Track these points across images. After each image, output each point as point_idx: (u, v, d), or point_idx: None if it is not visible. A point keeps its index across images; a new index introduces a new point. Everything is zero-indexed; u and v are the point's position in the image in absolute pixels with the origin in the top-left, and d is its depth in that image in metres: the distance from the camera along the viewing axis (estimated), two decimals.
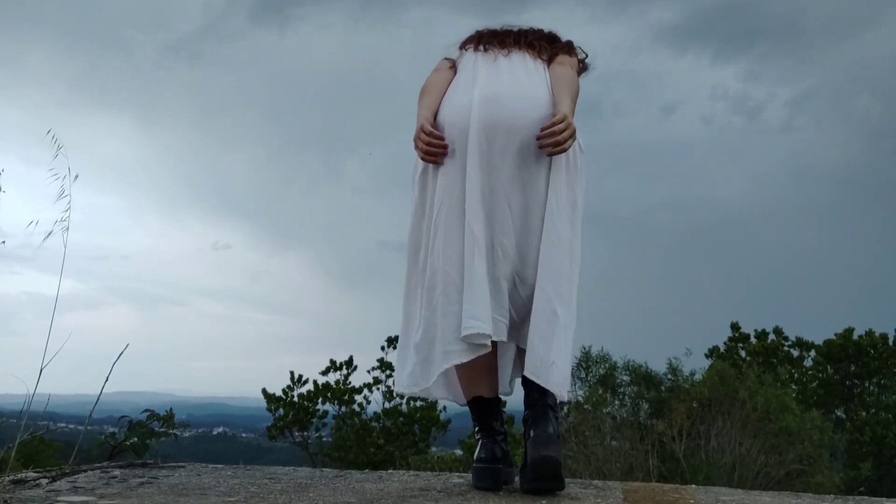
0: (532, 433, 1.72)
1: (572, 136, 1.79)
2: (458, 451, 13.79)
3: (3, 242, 1.84)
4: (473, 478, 1.88)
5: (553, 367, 1.73)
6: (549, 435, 1.70)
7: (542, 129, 1.78)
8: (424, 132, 1.85)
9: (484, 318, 1.75)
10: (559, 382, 1.73)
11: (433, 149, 1.85)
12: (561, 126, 1.77)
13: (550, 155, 1.80)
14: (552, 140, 1.77)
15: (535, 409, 1.75)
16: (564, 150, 1.79)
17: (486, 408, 1.92)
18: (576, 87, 1.93)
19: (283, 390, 16.04)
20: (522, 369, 1.79)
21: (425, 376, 1.82)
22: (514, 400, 1.98)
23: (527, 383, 1.79)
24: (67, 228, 1.82)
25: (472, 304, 1.75)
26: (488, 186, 1.80)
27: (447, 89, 1.97)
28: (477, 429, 1.94)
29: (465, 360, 1.77)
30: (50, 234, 1.80)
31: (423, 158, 1.88)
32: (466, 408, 1.98)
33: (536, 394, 1.76)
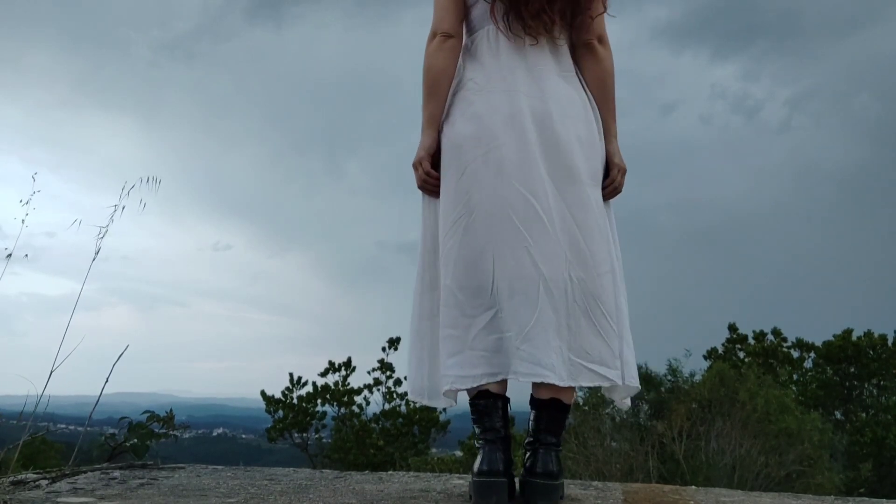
0: (529, 463, 1.68)
1: (624, 174, 1.88)
2: (458, 453, 13.77)
3: (7, 251, 1.85)
4: (474, 493, 1.67)
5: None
6: (549, 471, 1.66)
7: (605, 186, 1.85)
8: (423, 170, 1.84)
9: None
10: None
11: (428, 185, 1.86)
12: (619, 179, 1.87)
13: (608, 199, 1.87)
14: (615, 192, 1.88)
15: (541, 436, 1.70)
16: (620, 191, 1.89)
17: (490, 405, 1.72)
18: (613, 93, 1.88)
19: (283, 392, 16.03)
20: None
21: (432, 394, 1.83)
22: (518, 401, 1.87)
23: (535, 402, 1.75)
24: (102, 236, 1.87)
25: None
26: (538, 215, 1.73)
27: (454, 78, 1.84)
28: (479, 432, 1.73)
29: (466, 387, 1.72)
30: (98, 252, 1.86)
31: (418, 186, 1.89)
32: (466, 408, 1.88)
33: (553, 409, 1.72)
